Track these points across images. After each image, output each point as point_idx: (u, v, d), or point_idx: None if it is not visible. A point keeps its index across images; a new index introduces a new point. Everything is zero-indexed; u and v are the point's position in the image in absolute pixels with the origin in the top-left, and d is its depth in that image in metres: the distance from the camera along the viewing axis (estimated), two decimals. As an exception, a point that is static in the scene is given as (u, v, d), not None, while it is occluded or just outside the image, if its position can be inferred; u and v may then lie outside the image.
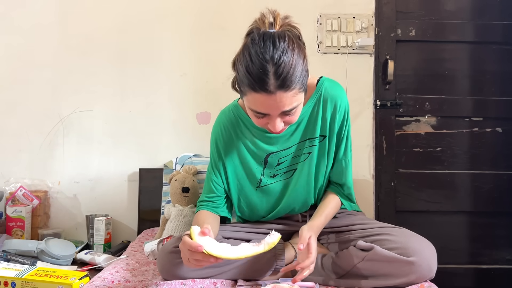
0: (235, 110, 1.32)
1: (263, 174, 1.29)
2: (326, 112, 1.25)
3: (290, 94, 1.05)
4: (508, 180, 2.02)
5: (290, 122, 1.13)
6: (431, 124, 2.04)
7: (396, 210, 2.00)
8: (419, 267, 1.09)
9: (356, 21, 2.01)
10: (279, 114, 1.09)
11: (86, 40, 2.00)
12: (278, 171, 1.29)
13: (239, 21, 2.02)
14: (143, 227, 1.93)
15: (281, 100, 1.05)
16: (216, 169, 1.31)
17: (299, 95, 1.08)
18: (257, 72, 1.04)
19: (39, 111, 1.99)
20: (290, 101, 1.06)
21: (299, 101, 1.09)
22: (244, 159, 1.29)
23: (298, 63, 1.06)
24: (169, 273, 1.17)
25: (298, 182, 1.29)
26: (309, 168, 1.28)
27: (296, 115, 1.12)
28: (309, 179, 1.29)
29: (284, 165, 1.29)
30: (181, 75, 2.02)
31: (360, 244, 1.18)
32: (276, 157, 1.28)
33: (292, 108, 1.08)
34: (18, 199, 1.84)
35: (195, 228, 1.02)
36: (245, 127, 1.29)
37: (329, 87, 1.26)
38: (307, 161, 1.28)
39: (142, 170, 1.97)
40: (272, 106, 1.06)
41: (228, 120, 1.31)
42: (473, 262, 2.03)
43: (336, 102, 1.25)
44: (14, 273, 1.26)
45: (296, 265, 1.11)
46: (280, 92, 1.04)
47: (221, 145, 1.31)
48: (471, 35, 2.04)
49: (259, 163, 1.29)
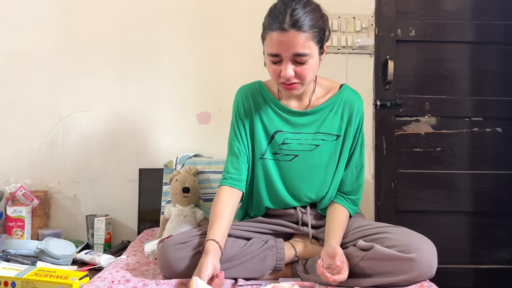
0: (258, 84, 1.41)
1: (267, 148, 1.35)
2: (344, 113, 1.34)
3: (303, 36, 1.17)
4: (508, 180, 2.02)
5: (301, 76, 1.21)
6: (431, 124, 2.04)
7: (396, 210, 2.00)
8: (420, 264, 1.09)
9: (356, 21, 2.01)
10: (291, 58, 1.19)
11: (86, 40, 2.00)
12: (280, 150, 1.34)
13: (239, 21, 2.02)
14: (143, 227, 1.93)
15: (293, 40, 1.16)
16: (239, 135, 1.37)
17: (312, 44, 1.19)
18: (277, 13, 1.19)
19: (39, 111, 1.99)
20: (302, 43, 1.17)
21: (311, 50, 1.19)
22: (256, 128, 1.36)
23: (315, 16, 1.19)
24: (169, 270, 1.18)
25: (297, 169, 1.33)
26: (313, 160, 1.33)
27: (307, 70, 1.21)
28: (311, 170, 1.33)
29: (287, 147, 1.34)
30: (181, 75, 2.02)
31: (360, 244, 1.18)
32: (283, 136, 1.34)
33: (303, 54, 1.18)
34: (18, 199, 1.84)
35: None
36: (263, 100, 1.37)
37: (351, 93, 1.37)
38: (313, 152, 1.33)
39: (142, 170, 1.97)
40: (284, 44, 1.17)
41: (250, 90, 1.40)
42: (473, 262, 2.03)
43: (355, 107, 1.35)
44: (14, 273, 1.26)
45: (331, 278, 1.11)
46: (293, 31, 1.16)
47: (241, 111, 1.38)
48: (471, 35, 2.04)
49: (267, 137, 1.35)
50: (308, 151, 1.33)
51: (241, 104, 1.39)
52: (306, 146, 1.33)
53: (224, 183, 1.33)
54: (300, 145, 1.33)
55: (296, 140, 1.33)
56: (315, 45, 1.20)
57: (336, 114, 1.34)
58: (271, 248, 1.26)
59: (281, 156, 1.34)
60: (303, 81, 1.24)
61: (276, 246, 1.26)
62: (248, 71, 1.92)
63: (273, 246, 1.26)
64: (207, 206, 1.74)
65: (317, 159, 1.33)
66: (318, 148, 1.33)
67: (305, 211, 1.37)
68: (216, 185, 1.75)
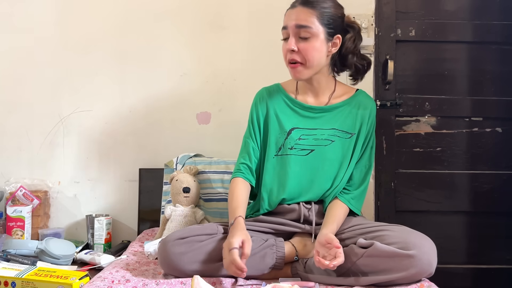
0: (276, 86, 1.51)
1: (284, 144, 1.41)
2: (359, 114, 1.42)
3: (307, 11, 1.32)
4: (508, 180, 2.02)
5: (304, 54, 1.33)
6: (431, 124, 2.04)
7: (396, 210, 2.00)
8: (419, 260, 1.10)
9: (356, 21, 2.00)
10: (295, 31, 1.33)
11: (86, 40, 2.00)
12: (296, 145, 1.40)
13: (239, 21, 2.02)
14: (143, 227, 1.93)
15: (298, 13, 1.33)
16: (253, 134, 1.46)
17: (315, 21, 1.32)
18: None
19: (39, 111, 1.99)
20: (305, 17, 1.32)
21: (314, 26, 1.32)
22: (272, 126, 1.43)
23: (327, 3, 1.35)
24: (169, 266, 1.19)
25: (313, 164, 1.38)
26: (329, 155, 1.38)
27: (309, 49, 1.32)
28: (326, 165, 1.38)
29: (304, 142, 1.40)
30: (181, 75, 2.02)
31: (360, 242, 1.19)
32: (299, 133, 1.41)
33: (304, 25, 1.31)
34: (18, 199, 1.84)
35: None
36: (280, 99, 1.46)
37: (366, 97, 1.48)
38: (328, 148, 1.39)
39: (142, 170, 1.97)
40: (291, 16, 1.34)
41: (267, 90, 1.50)
42: (473, 262, 2.02)
43: (368, 109, 1.44)
44: (14, 273, 1.26)
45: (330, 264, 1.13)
46: (300, 6, 1.34)
47: (258, 112, 1.47)
48: (471, 35, 2.04)
49: (283, 133, 1.42)
50: (323, 146, 1.39)
51: (258, 104, 1.48)
52: (322, 141, 1.39)
53: (238, 175, 1.42)
54: (316, 140, 1.40)
55: (312, 136, 1.40)
56: (320, 25, 1.32)
57: (351, 113, 1.42)
58: (271, 246, 1.26)
59: (297, 151, 1.40)
60: (306, 62, 1.34)
61: (276, 245, 1.27)
62: (248, 71, 1.92)
63: (273, 245, 1.26)
64: (207, 206, 1.74)
65: (332, 154, 1.39)
66: (333, 144, 1.39)
67: (310, 206, 1.38)
68: (217, 185, 1.76)
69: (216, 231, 1.27)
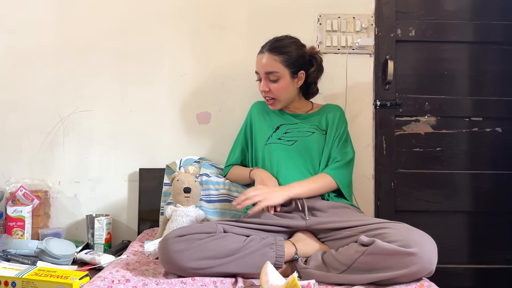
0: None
1: (272, 135, 1.68)
2: (328, 116, 1.70)
3: (273, 58, 1.61)
4: (508, 180, 2.02)
5: (274, 93, 1.64)
6: (431, 124, 2.04)
7: (395, 210, 2.01)
8: (420, 258, 1.10)
9: (356, 21, 2.01)
10: (264, 75, 1.63)
11: (86, 40, 2.00)
12: (283, 136, 1.66)
13: (239, 21, 2.03)
14: (143, 227, 1.93)
15: (265, 60, 1.62)
16: (243, 136, 1.79)
17: (280, 66, 1.61)
18: (266, 42, 1.68)
19: (39, 111, 1.99)
20: (271, 63, 1.61)
21: (280, 71, 1.61)
22: (262, 125, 1.72)
23: (291, 47, 1.63)
24: (169, 263, 1.20)
25: (298, 150, 1.61)
26: (311, 144, 1.62)
27: (279, 88, 1.63)
28: (309, 151, 1.61)
29: (289, 135, 1.66)
30: (181, 75, 2.02)
31: (362, 239, 1.19)
32: (286, 127, 1.69)
33: (271, 72, 1.61)
34: (18, 199, 1.84)
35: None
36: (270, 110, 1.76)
37: (332, 105, 1.78)
38: (310, 138, 1.63)
39: (142, 170, 1.97)
40: (261, 63, 1.63)
41: (260, 102, 1.81)
42: (473, 262, 2.03)
43: (333, 111, 1.72)
44: (14, 272, 1.26)
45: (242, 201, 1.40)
46: (268, 53, 1.62)
47: (251, 118, 1.78)
48: (471, 35, 2.04)
49: (272, 128, 1.70)
50: (305, 137, 1.64)
51: (252, 112, 1.80)
52: (304, 133, 1.65)
53: (232, 165, 1.79)
54: (300, 132, 1.66)
55: (296, 129, 1.67)
56: (285, 67, 1.61)
57: (323, 117, 1.70)
58: (270, 245, 1.26)
59: (284, 141, 1.64)
60: (278, 97, 1.66)
61: (276, 244, 1.27)
62: (248, 71, 1.92)
63: (272, 244, 1.27)
64: (208, 207, 1.75)
65: (312, 143, 1.63)
66: (313, 135, 1.64)
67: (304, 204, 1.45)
68: (217, 187, 1.77)
69: (216, 230, 1.28)
